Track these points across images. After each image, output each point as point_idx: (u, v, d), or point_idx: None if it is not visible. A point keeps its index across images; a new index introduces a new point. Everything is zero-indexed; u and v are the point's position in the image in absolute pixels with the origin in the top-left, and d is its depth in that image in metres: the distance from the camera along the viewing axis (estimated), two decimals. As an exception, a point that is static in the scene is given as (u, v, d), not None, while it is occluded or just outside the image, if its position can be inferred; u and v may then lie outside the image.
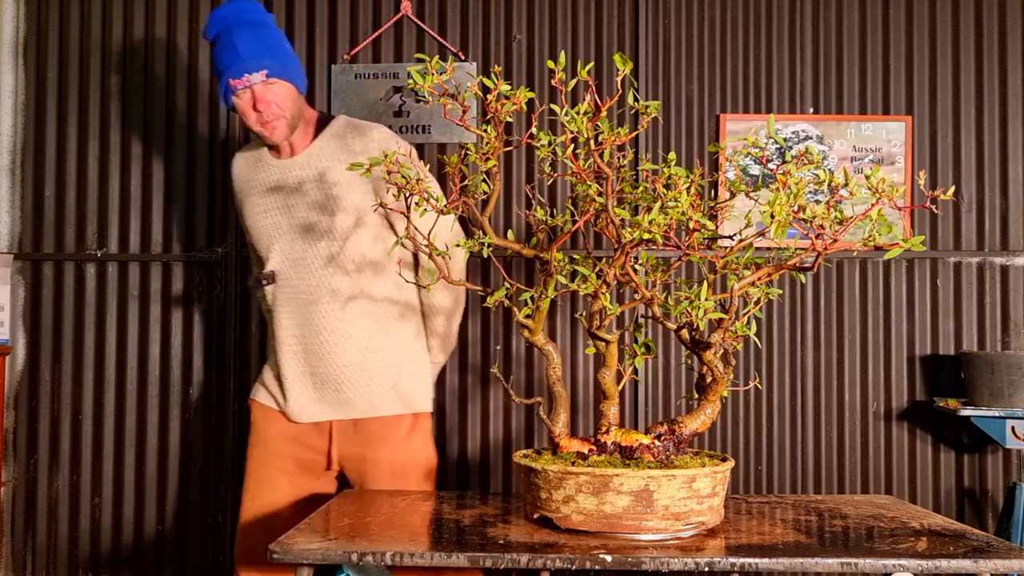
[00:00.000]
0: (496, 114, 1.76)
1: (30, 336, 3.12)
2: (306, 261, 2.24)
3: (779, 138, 1.70)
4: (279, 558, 1.56)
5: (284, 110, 2.19)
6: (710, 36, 3.12)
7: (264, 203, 2.29)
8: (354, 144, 2.23)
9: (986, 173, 3.09)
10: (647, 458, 1.76)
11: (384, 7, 3.12)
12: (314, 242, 2.23)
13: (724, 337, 1.77)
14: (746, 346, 3.04)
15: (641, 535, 1.66)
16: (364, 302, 2.24)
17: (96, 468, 3.08)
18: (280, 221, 2.27)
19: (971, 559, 1.54)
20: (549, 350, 1.88)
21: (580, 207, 1.93)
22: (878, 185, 1.59)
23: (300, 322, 2.25)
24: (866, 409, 3.07)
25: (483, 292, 1.88)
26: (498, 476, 3.07)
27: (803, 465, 3.06)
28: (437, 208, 1.79)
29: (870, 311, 3.07)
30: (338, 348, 2.22)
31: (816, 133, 3.08)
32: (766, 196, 1.70)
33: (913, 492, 3.05)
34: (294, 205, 2.25)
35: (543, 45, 3.12)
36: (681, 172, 1.70)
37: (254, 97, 2.17)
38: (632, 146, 3.02)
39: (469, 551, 1.56)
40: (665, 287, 2.05)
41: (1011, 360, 2.75)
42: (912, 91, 3.10)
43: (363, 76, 3.10)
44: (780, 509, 1.99)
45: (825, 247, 1.64)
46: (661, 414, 3.04)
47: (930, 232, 3.07)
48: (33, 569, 3.10)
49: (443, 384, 3.06)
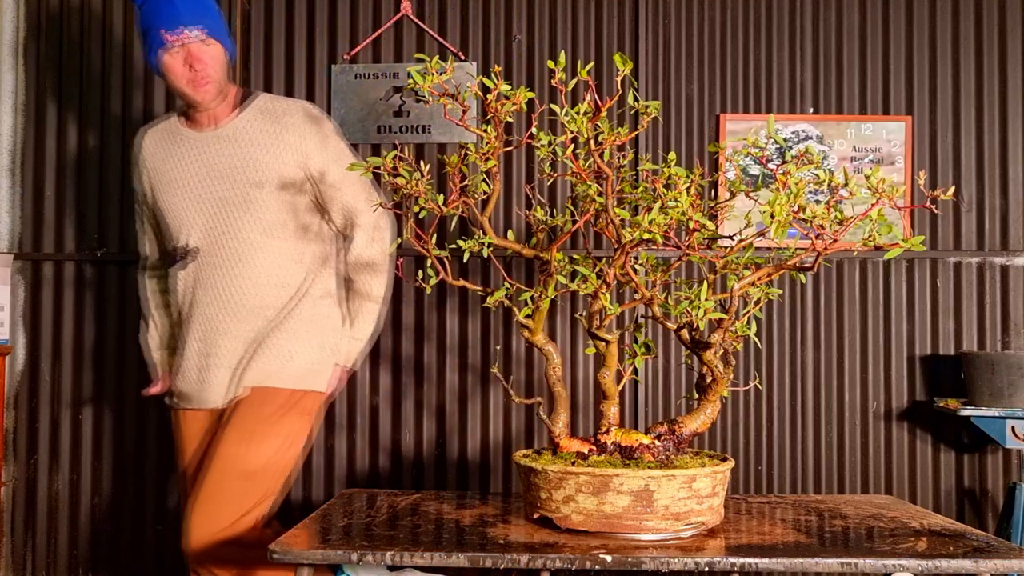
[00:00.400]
0: (496, 114, 1.76)
1: (30, 336, 3.12)
2: (229, 235, 2.20)
3: (779, 138, 1.71)
4: (279, 558, 1.56)
5: (217, 74, 2.17)
6: (710, 36, 3.12)
7: (181, 176, 2.24)
8: (282, 118, 2.22)
9: (986, 173, 3.09)
10: (647, 458, 1.76)
11: (384, 7, 3.12)
12: (239, 215, 2.20)
13: (724, 337, 1.77)
14: (746, 346, 3.04)
15: (641, 535, 1.66)
16: (283, 276, 2.22)
17: (96, 468, 3.08)
18: (199, 194, 2.22)
19: (971, 559, 1.54)
20: (549, 350, 1.88)
21: (580, 207, 1.93)
22: (878, 185, 1.59)
23: (216, 300, 2.21)
24: (866, 409, 3.07)
25: (483, 292, 1.88)
26: (498, 476, 3.07)
27: (803, 465, 3.06)
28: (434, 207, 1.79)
29: (870, 311, 3.07)
30: (248, 327, 2.20)
31: (816, 133, 3.08)
32: (766, 196, 1.70)
33: (913, 492, 3.05)
34: (215, 178, 2.21)
35: (543, 45, 3.12)
36: (681, 172, 1.70)
37: (189, 55, 2.12)
38: (632, 146, 3.02)
39: (469, 551, 1.56)
40: (665, 287, 2.05)
41: (1011, 360, 2.75)
42: (912, 91, 3.10)
43: (363, 76, 3.10)
44: (780, 509, 1.99)
45: (825, 247, 1.64)
46: (661, 414, 3.04)
47: (930, 232, 3.07)
48: (33, 569, 3.10)
49: (443, 384, 3.06)
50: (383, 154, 1.86)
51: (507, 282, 1.86)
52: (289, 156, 2.20)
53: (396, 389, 3.07)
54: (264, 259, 2.20)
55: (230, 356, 2.21)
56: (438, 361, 3.07)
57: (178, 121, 2.30)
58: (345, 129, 3.09)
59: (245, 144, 2.20)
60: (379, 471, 3.05)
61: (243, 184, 2.19)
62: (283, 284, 2.22)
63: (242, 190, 2.19)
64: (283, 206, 2.22)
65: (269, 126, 2.21)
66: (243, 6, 3.12)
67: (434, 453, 3.06)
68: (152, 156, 2.31)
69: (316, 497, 3.03)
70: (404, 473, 3.06)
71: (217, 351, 2.21)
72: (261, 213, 2.19)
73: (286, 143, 2.21)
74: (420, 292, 3.05)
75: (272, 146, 2.20)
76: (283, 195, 2.21)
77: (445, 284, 2.93)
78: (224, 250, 2.20)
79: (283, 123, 2.21)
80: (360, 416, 3.06)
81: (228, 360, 2.21)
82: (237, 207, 2.19)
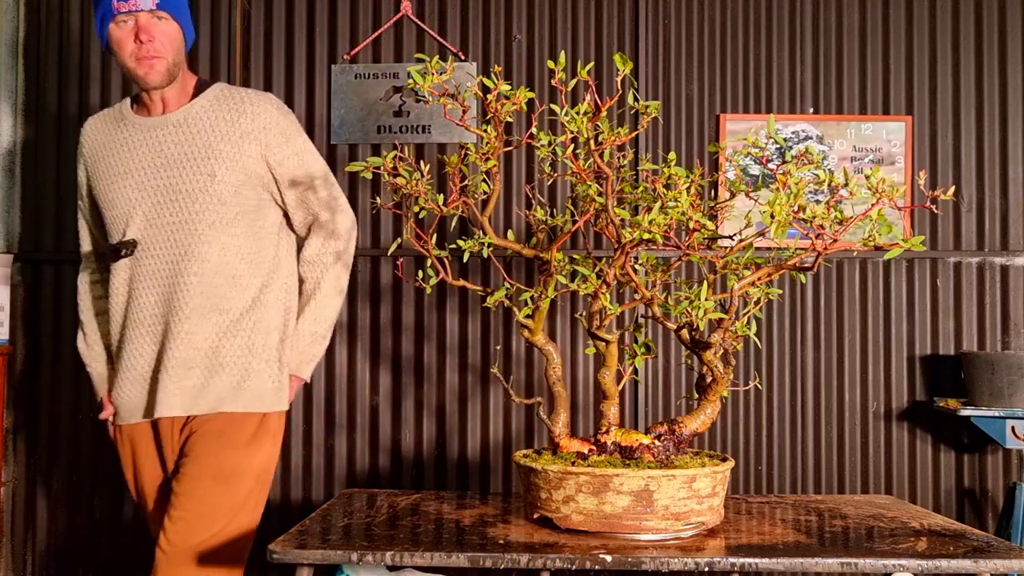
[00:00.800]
0: (496, 114, 1.76)
1: (30, 336, 3.12)
2: (176, 227, 2.00)
3: (779, 138, 1.71)
4: (279, 558, 1.56)
5: (167, 51, 2.00)
6: (710, 36, 3.12)
7: (125, 164, 2.05)
8: (241, 106, 2.04)
9: (986, 173, 3.09)
10: (647, 458, 1.76)
11: (384, 7, 3.12)
12: (187, 205, 2.00)
13: (724, 337, 1.77)
14: (746, 346, 3.04)
15: (641, 535, 1.66)
16: (233, 276, 2.02)
17: (96, 468, 3.08)
18: (145, 182, 2.02)
19: (971, 559, 1.54)
20: (549, 350, 1.88)
21: (580, 207, 1.93)
22: (878, 185, 1.59)
23: (160, 299, 2.01)
24: (866, 409, 3.07)
25: (483, 292, 1.88)
26: (498, 476, 3.07)
27: (803, 465, 3.06)
28: (434, 207, 1.79)
29: (870, 311, 3.08)
30: (198, 328, 1.99)
31: (816, 133, 3.08)
32: (766, 196, 1.70)
33: (913, 492, 3.05)
34: (163, 166, 2.02)
35: (543, 45, 3.12)
36: (681, 172, 1.70)
37: (137, 26, 1.97)
38: (632, 146, 3.03)
39: (469, 551, 1.56)
40: (665, 287, 2.05)
41: (1011, 360, 2.75)
42: (912, 91, 3.10)
43: (363, 76, 3.10)
44: (780, 509, 1.99)
45: (825, 247, 1.64)
46: (661, 414, 3.04)
47: (930, 232, 3.07)
48: (33, 569, 3.10)
49: (443, 384, 3.06)
50: (383, 154, 1.86)
51: (507, 282, 1.86)
52: (248, 146, 2.02)
53: (396, 389, 3.07)
54: (212, 254, 1.99)
55: (180, 362, 1.98)
56: (438, 361, 3.07)
57: (127, 107, 2.12)
58: (345, 129, 3.09)
59: (199, 131, 2.02)
60: (379, 471, 3.05)
61: (194, 173, 2.00)
62: (233, 284, 2.02)
63: (192, 179, 2.00)
64: (237, 200, 2.02)
65: (227, 113, 2.03)
66: (243, 6, 3.12)
67: (434, 453, 3.06)
68: (93, 142, 2.13)
69: (316, 497, 3.03)
70: (404, 473, 3.06)
71: (166, 355, 1.99)
72: (212, 205, 1.99)
73: (245, 132, 2.02)
74: (420, 292, 3.05)
75: (229, 134, 2.02)
76: (238, 188, 2.02)
77: (445, 284, 2.93)
78: (169, 243, 2.01)
79: (243, 111, 2.03)
80: (360, 416, 3.06)
81: (178, 366, 1.98)
82: (186, 197, 2.00)
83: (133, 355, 2.03)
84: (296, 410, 3.05)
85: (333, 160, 3.07)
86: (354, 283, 3.06)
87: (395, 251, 2.45)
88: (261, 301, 2.05)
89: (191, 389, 1.99)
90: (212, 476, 1.96)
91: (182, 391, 1.98)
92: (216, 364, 2.00)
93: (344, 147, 3.10)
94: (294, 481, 3.03)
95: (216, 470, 1.96)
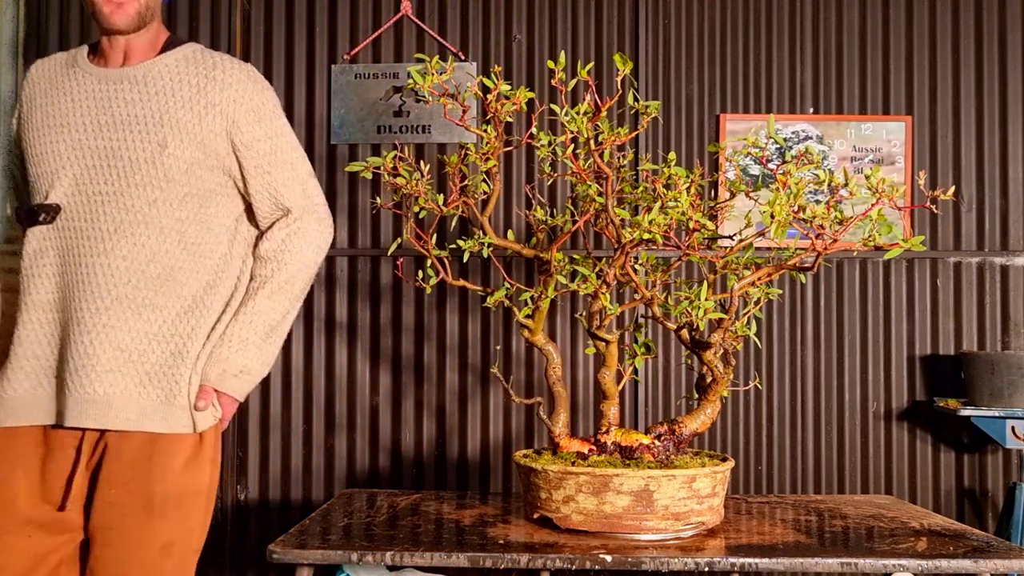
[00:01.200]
0: (496, 114, 1.76)
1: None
2: (109, 198, 1.69)
3: (779, 138, 1.71)
4: (279, 558, 1.56)
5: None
6: (710, 36, 3.12)
7: (64, 116, 1.74)
8: (212, 72, 1.74)
9: (986, 173, 3.09)
10: (647, 458, 1.76)
11: (384, 7, 3.12)
12: (127, 175, 1.69)
13: (724, 337, 1.77)
14: (746, 346, 3.04)
15: (641, 535, 1.66)
16: (170, 268, 1.70)
17: (96, 468, 3.07)
18: (82, 140, 1.72)
19: (971, 559, 1.54)
20: (549, 350, 1.88)
21: (580, 207, 1.93)
22: (878, 185, 1.59)
23: (74, 280, 1.68)
24: (866, 409, 3.07)
25: (483, 292, 1.88)
26: (498, 476, 3.07)
27: (803, 465, 3.06)
28: (434, 207, 1.79)
29: (870, 311, 3.07)
30: (121, 324, 1.65)
31: (816, 133, 3.08)
32: (766, 196, 1.70)
33: (913, 492, 3.05)
34: (108, 125, 1.72)
35: (543, 45, 3.12)
36: (681, 172, 1.70)
37: None
38: (632, 146, 3.03)
39: (469, 551, 1.56)
40: (665, 287, 2.05)
41: (1011, 360, 2.75)
42: (912, 91, 3.10)
43: (363, 76, 3.10)
44: (780, 509, 1.99)
45: (825, 247, 1.64)
46: (661, 414, 3.04)
47: (930, 232, 3.07)
48: (33, 569, 3.09)
49: (443, 384, 3.06)
50: (383, 154, 1.86)
51: (507, 282, 1.86)
52: (212, 119, 1.72)
53: (396, 389, 3.07)
54: (148, 238, 1.68)
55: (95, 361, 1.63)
56: (438, 361, 3.07)
57: (83, 54, 1.81)
58: (345, 129, 3.09)
59: (157, 92, 1.73)
60: (379, 471, 3.05)
61: (142, 139, 1.70)
62: (170, 278, 1.69)
63: (138, 146, 1.69)
64: (188, 179, 1.72)
65: (194, 77, 1.74)
66: (243, 6, 3.12)
67: (434, 453, 3.06)
68: (35, 86, 1.82)
69: (316, 497, 3.03)
70: (404, 473, 3.06)
71: (74, 350, 1.64)
72: (156, 180, 1.69)
73: (211, 102, 1.73)
74: (420, 292, 3.05)
75: (192, 101, 1.72)
76: (192, 166, 1.72)
77: (445, 284, 2.93)
78: (97, 216, 1.69)
79: (212, 77, 1.74)
80: (360, 416, 3.06)
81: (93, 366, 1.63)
82: (127, 165, 1.69)
83: (31, 342, 1.69)
84: (296, 410, 3.05)
85: (333, 160, 3.07)
86: (354, 283, 3.06)
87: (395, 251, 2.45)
88: (204, 303, 1.72)
89: (108, 398, 1.63)
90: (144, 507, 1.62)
91: (94, 399, 1.62)
92: (142, 372, 1.66)
93: (344, 147, 3.10)
94: (294, 481, 3.03)
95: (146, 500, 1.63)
